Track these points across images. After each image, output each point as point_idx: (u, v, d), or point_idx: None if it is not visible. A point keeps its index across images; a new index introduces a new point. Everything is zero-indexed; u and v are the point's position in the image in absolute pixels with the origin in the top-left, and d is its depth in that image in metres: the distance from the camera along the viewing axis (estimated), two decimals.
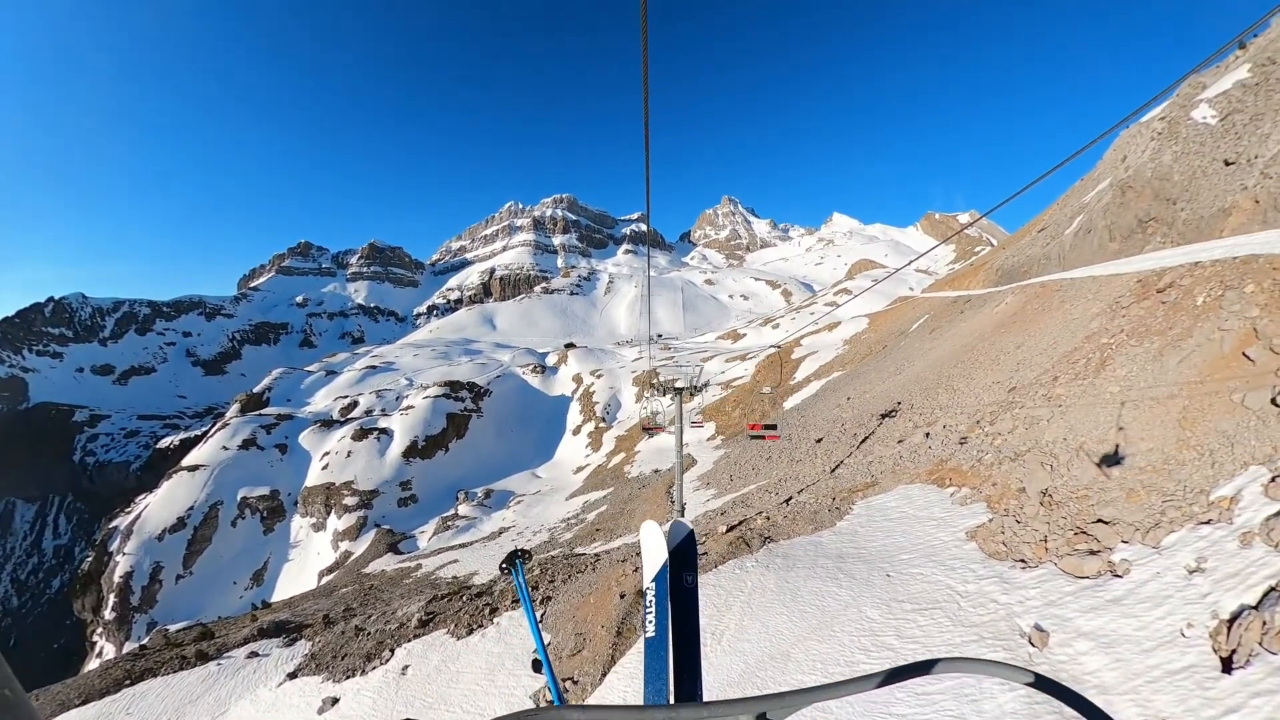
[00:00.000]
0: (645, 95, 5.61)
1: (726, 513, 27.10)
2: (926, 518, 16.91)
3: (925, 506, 17.80)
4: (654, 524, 3.01)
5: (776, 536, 18.90)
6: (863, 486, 22.09)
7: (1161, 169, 32.31)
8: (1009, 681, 1.79)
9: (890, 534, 16.72)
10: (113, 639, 74.39)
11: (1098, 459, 14.94)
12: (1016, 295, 37.48)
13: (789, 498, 25.62)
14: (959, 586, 12.58)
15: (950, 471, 19.44)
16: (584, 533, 40.83)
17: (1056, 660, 9.54)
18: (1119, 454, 14.55)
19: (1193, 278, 19.56)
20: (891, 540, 16.23)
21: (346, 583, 49.51)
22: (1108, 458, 14.69)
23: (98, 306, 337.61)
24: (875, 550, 15.91)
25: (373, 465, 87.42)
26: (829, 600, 13.81)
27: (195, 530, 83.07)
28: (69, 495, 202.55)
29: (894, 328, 65.68)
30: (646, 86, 5.42)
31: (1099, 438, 15.75)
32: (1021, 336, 28.86)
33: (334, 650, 20.88)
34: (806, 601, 14.06)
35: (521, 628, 17.79)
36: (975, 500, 16.70)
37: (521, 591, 5.14)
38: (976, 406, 23.95)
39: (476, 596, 20.06)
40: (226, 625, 35.15)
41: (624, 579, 18.58)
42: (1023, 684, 1.67)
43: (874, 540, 16.62)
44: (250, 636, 26.34)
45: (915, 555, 14.78)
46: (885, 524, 17.61)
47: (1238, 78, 34.38)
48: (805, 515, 20.38)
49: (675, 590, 2.72)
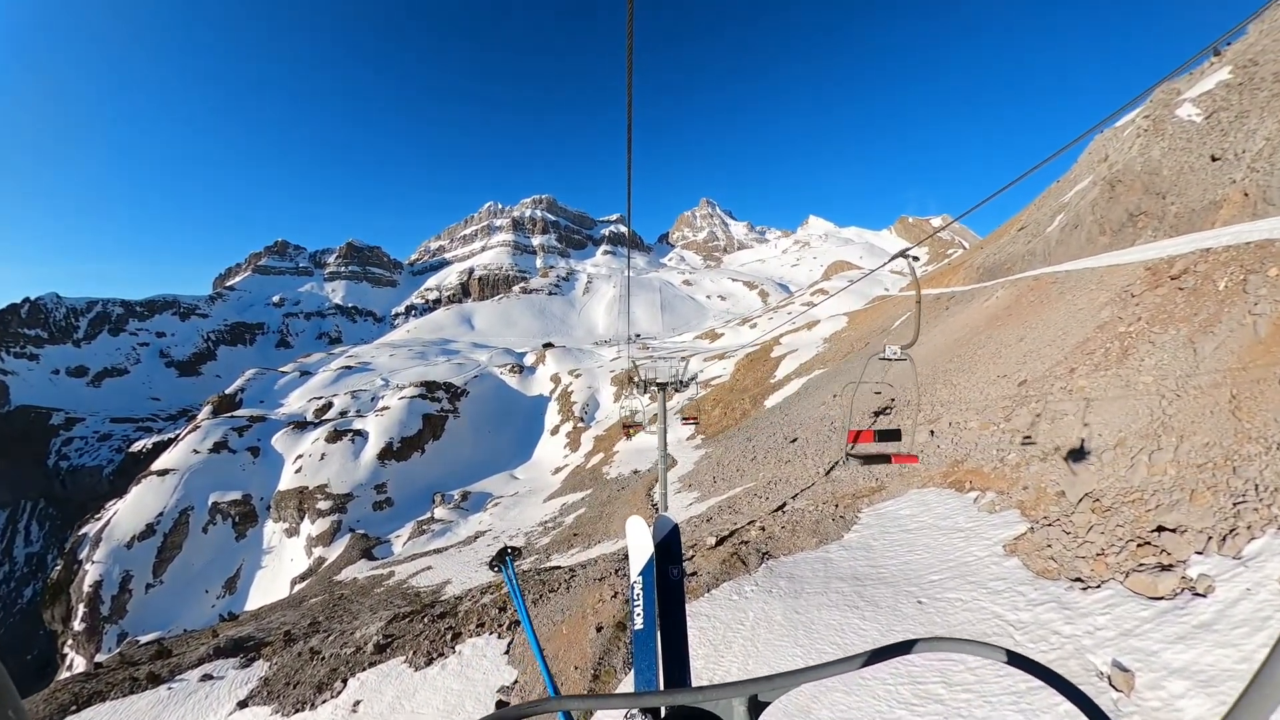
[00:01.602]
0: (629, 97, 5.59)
1: (713, 519, 25.72)
2: (951, 528, 15.34)
3: (947, 515, 16.22)
4: (639, 519, 3.05)
5: (776, 551, 17.13)
6: (867, 491, 20.57)
7: (1151, 164, 32.47)
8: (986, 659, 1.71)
9: (912, 548, 15.07)
10: (83, 651, 72.46)
11: (1145, 456, 13.40)
12: (1008, 289, 36.74)
13: (782, 504, 24.06)
14: (1009, 615, 10.90)
15: (969, 473, 17.94)
16: (561, 537, 39.79)
17: (1150, 707, 7.82)
18: (1170, 450, 13.00)
19: (1207, 263, 18.82)
20: (915, 557, 14.55)
21: (317, 592, 48.13)
22: (1156, 454, 13.15)
23: (72, 306, 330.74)
24: (897, 570, 14.23)
25: (347, 468, 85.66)
26: (851, 636, 11.84)
27: (165, 537, 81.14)
28: (41, 501, 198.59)
29: (875, 325, 65.13)
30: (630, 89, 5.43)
31: (1140, 431, 14.30)
32: (1021, 329, 27.72)
33: (288, 675, 19.56)
34: (823, 637, 12.10)
35: (485, 659, 16.01)
36: (1005, 506, 15.24)
37: (513, 587, 5.29)
38: (983, 401, 22.74)
39: (439, 618, 18.14)
40: (186, 641, 33.78)
41: (601, 605, 16.62)
42: (999, 661, 1.67)
43: (893, 556, 14.99)
44: (206, 656, 25.00)
45: (948, 575, 13.09)
46: (903, 536, 15.96)
47: (1220, 78, 35.07)
48: (806, 525, 18.65)
49: (662, 583, 2.77)
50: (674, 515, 29.63)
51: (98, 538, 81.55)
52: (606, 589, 17.20)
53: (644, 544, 2.86)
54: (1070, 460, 15.26)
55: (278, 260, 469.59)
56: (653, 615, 2.60)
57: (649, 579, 2.73)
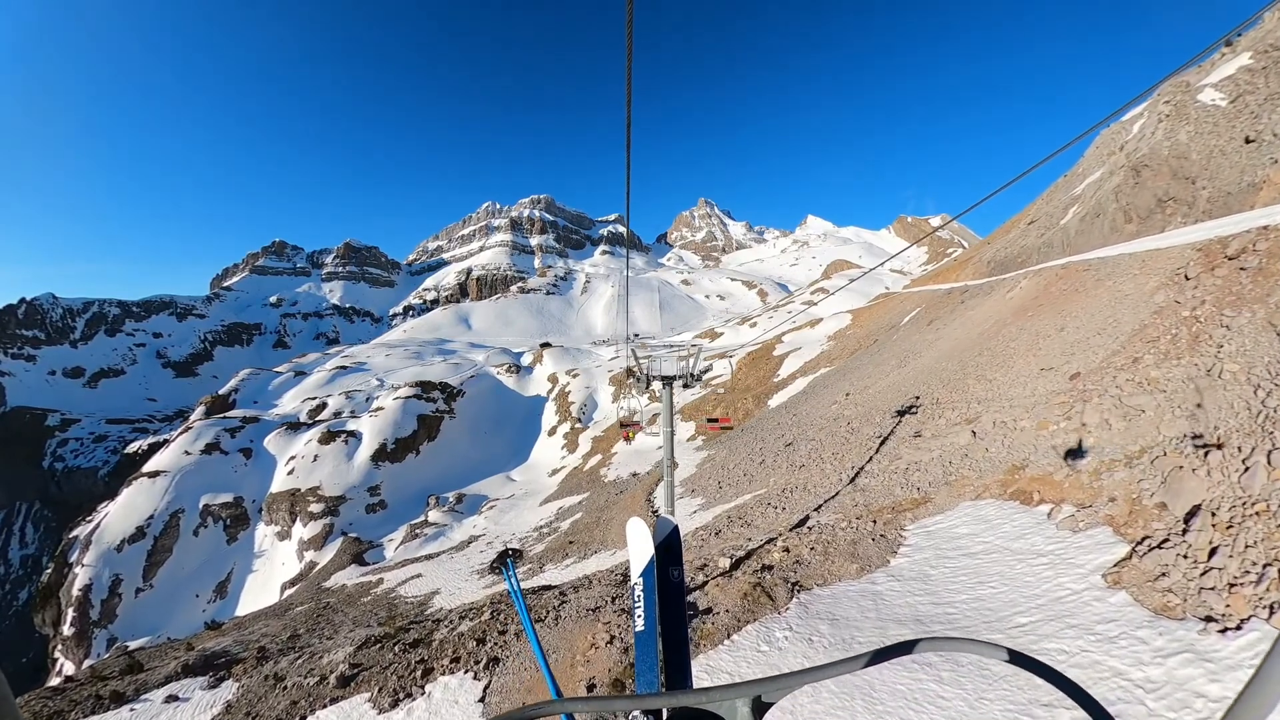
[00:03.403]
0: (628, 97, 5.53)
1: (722, 532, 23.57)
2: (1028, 551, 12.50)
3: (1017, 534, 13.45)
4: (640, 520, 3.10)
5: (808, 581, 14.31)
6: (909, 504, 17.91)
7: (1178, 148, 31.49)
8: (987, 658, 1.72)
9: (981, 578, 12.15)
10: (72, 656, 70.99)
11: (1262, 456, 10.76)
12: (1032, 279, 34.86)
13: (805, 517, 21.29)
14: (1134, 672, 8.22)
15: (1035, 482, 15.34)
16: (556, 545, 38.14)
17: None
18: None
19: (1269, 241, 17.15)
20: (990, 591, 11.64)
21: (304, 599, 46.59)
22: (1276, 454, 10.60)
23: (68, 307, 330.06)
24: (969, 609, 11.32)
25: (340, 469, 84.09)
26: (931, 711, 8.81)
27: (156, 540, 79.59)
28: (36, 502, 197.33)
29: (882, 321, 63.44)
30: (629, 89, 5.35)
31: (1242, 428, 11.81)
32: (1059, 318, 25.52)
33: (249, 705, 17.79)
34: (892, 713, 9.00)
35: (456, 705, 13.75)
36: (1091, 524, 12.38)
37: (514, 591, 5.49)
38: (1030, 397, 20.29)
39: (412, 646, 16.02)
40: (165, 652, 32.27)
41: (593, 653, 13.95)
42: (1001, 660, 1.66)
43: (960, 589, 12.11)
44: (174, 674, 23.36)
45: (1040, 617, 10.20)
46: (967, 562, 13.11)
47: (1241, 63, 34.42)
48: (840, 547, 15.90)
49: (663, 585, 2.79)
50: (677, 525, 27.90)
51: (88, 541, 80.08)
52: (601, 629, 14.84)
53: (645, 545, 2.91)
54: (1161, 465, 12.66)
55: (275, 261, 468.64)
56: (653, 618, 2.61)
57: (650, 581, 2.76)
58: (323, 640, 25.03)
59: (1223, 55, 37.82)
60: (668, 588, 2.75)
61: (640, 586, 2.74)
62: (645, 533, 2.95)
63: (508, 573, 5.77)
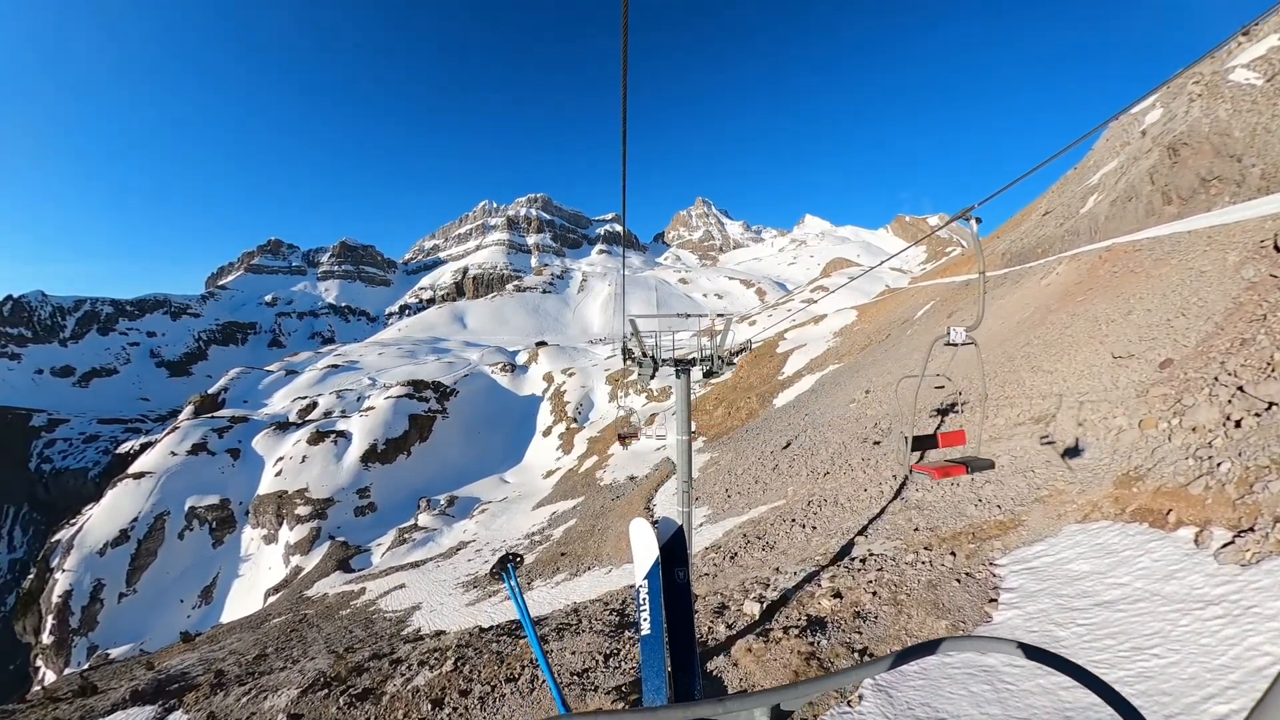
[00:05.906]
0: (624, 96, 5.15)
1: (739, 557, 19.95)
2: (1189, 598, 9.02)
3: (1162, 571, 9.97)
4: (643, 521, 3.05)
5: (874, 643, 10.55)
6: (995, 528, 14.17)
7: (1219, 125, 29.60)
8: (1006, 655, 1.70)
9: (1135, 643, 8.56)
10: (52, 665, 68.93)
11: None
12: (1070, 264, 32.03)
13: (849, 543, 17.22)
14: None
15: (1164, 496, 11.86)
16: (547, 556, 35.76)
17: None
18: None
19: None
20: (1154, 662, 7.96)
21: (282, 610, 44.35)
22: None
23: (58, 305, 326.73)
24: (1141, 700, 7.23)
25: (329, 471, 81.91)
26: None
27: (140, 544, 77.67)
28: (24, 505, 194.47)
29: (893, 316, 60.98)
30: (625, 88, 5.04)
31: None
32: (1121, 301, 22.47)
33: None
34: None
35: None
36: (1266, 554, 9.04)
37: (515, 597, 5.78)
38: (1112, 390, 17.06)
39: (358, 699, 12.88)
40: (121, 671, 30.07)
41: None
42: (1023, 657, 1.63)
43: (1109, 661, 8.28)
44: (122, 701, 21.09)
45: (1243, 702, 6.78)
46: (1104, 615, 9.50)
47: (1271, 44, 33.39)
48: (914, 591, 12.06)
49: (669, 587, 2.79)
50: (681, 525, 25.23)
51: (69, 544, 77.74)
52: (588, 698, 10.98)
53: (649, 547, 2.89)
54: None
55: (271, 259, 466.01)
56: (660, 621, 2.62)
57: (655, 583, 2.78)
58: (286, 664, 22.70)
59: (1240, 44, 36.40)
60: (673, 589, 2.79)
61: (645, 589, 2.73)
62: (650, 534, 2.90)
63: (509, 580, 5.71)
